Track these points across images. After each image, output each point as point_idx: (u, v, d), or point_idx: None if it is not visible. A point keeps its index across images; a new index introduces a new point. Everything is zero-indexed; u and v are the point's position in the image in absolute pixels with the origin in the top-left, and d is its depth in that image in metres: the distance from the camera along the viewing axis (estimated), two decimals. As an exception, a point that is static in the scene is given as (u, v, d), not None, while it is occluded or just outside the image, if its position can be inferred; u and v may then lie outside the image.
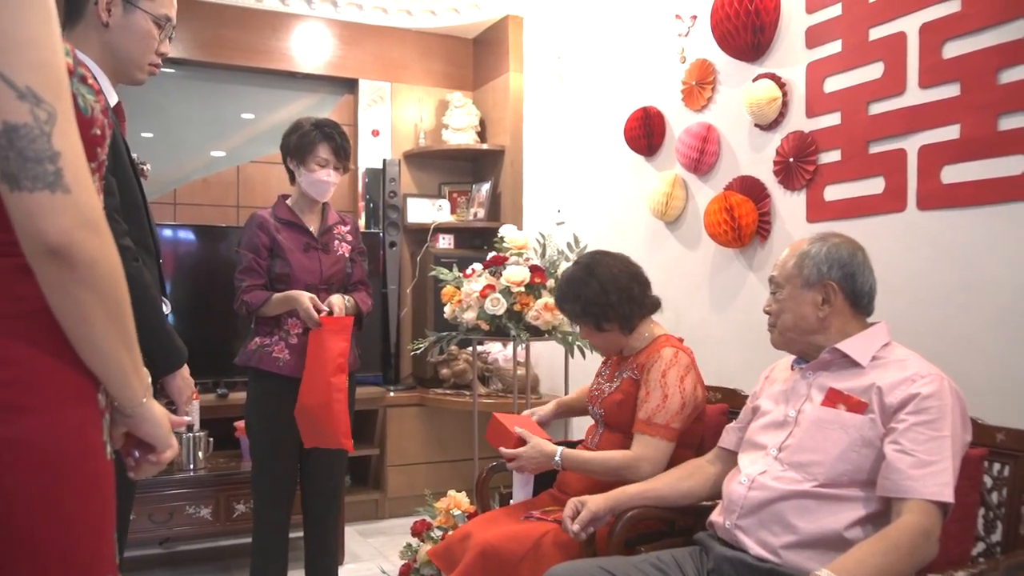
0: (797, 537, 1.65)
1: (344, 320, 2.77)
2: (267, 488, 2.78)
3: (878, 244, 2.47)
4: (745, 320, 3.01)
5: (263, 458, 2.77)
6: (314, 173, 2.75)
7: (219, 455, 3.79)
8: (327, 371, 2.67)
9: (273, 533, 2.79)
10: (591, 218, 3.99)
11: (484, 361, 4.34)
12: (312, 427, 2.70)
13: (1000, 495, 1.77)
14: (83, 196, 0.87)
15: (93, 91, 0.98)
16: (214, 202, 4.54)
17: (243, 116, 4.72)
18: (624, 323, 2.30)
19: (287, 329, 2.73)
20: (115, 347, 0.96)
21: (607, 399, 2.32)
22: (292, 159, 2.79)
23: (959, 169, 2.27)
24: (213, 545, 3.95)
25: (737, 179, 3.04)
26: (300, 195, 2.82)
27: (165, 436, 1.11)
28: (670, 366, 2.19)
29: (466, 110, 4.85)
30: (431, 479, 4.30)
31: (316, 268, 2.78)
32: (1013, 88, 2.13)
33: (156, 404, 1.09)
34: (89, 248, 0.88)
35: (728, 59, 3.07)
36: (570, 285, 2.34)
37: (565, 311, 2.41)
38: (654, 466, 2.11)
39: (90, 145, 0.97)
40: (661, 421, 2.14)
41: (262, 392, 2.75)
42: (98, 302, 0.91)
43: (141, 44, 1.82)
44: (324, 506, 2.87)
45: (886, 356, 1.75)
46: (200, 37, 4.40)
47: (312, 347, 2.69)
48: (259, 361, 2.71)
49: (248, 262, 2.72)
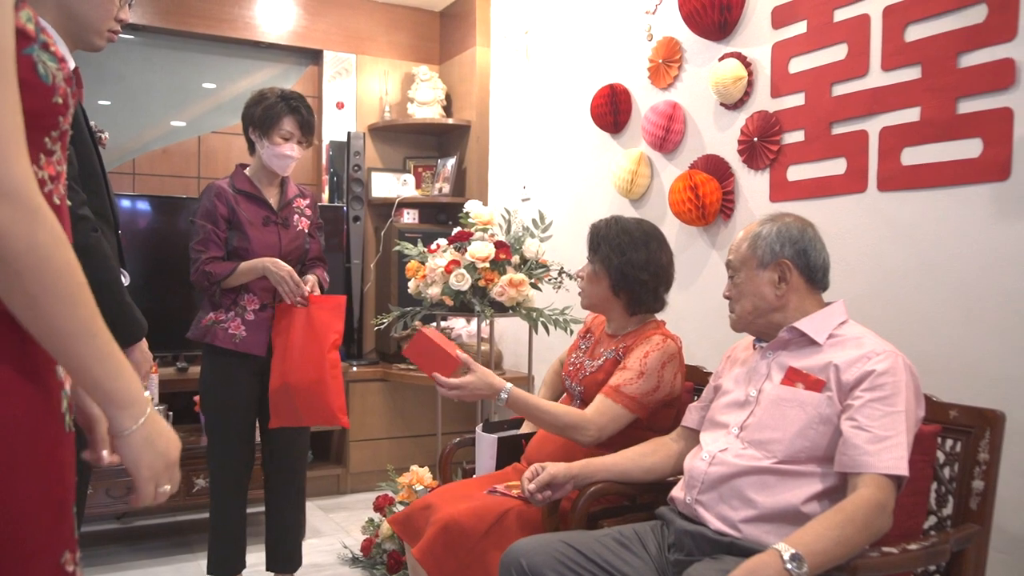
0: (756, 512, 1.68)
1: (337, 298, 2.76)
2: (223, 465, 2.75)
3: (839, 224, 2.51)
4: (708, 298, 3.04)
5: (219, 435, 2.74)
6: (277, 147, 2.69)
7: (178, 429, 3.67)
8: (322, 348, 2.65)
9: (230, 510, 2.76)
10: (556, 194, 3.99)
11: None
12: (293, 406, 2.67)
13: (952, 470, 1.81)
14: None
15: (56, 58, 0.94)
16: (174, 173, 4.46)
17: (204, 85, 4.63)
18: (632, 303, 2.28)
19: (243, 305, 2.68)
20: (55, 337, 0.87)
21: (588, 377, 2.30)
22: (255, 130, 2.72)
23: (919, 151, 2.30)
24: (172, 520, 3.93)
25: (702, 158, 3.06)
26: (260, 167, 2.76)
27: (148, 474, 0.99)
28: (655, 349, 2.18)
29: (432, 84, 4.81)
30: (393, 454, 4.31)
31: (275, 243, 2.73)
32: (972, 72, 2.16)
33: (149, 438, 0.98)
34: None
35: (695, 38, 3.08)
36: (622, 235, 2.27)
37: (599, 250, 2.29)
38: (600, 432, 2.10)
39: (50, 114, 0.93)
40: (628, 392, 2.13)
41: (216, 368, 2.71)
42: (15, 279, 0.83)
43: (99, 9, 1.75)
44: (287, 483, 2.85)
45: (843, 334, 1.78)
46: (162, 3, 4.30)
47: (298, 325, 2.66)
48: (213, 337, 2.66)
49: (206, 233, 2.65)
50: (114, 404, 0.94)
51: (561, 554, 1.77)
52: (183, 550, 3.54)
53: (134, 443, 0.97)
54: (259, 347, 2.68)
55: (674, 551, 1.80)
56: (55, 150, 0.96)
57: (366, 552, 3.23)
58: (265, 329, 2.69)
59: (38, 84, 0.90)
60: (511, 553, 1.81)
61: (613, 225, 2.31)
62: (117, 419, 0.95)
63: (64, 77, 0.95)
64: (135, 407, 0.96)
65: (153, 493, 1.02)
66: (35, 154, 0.91)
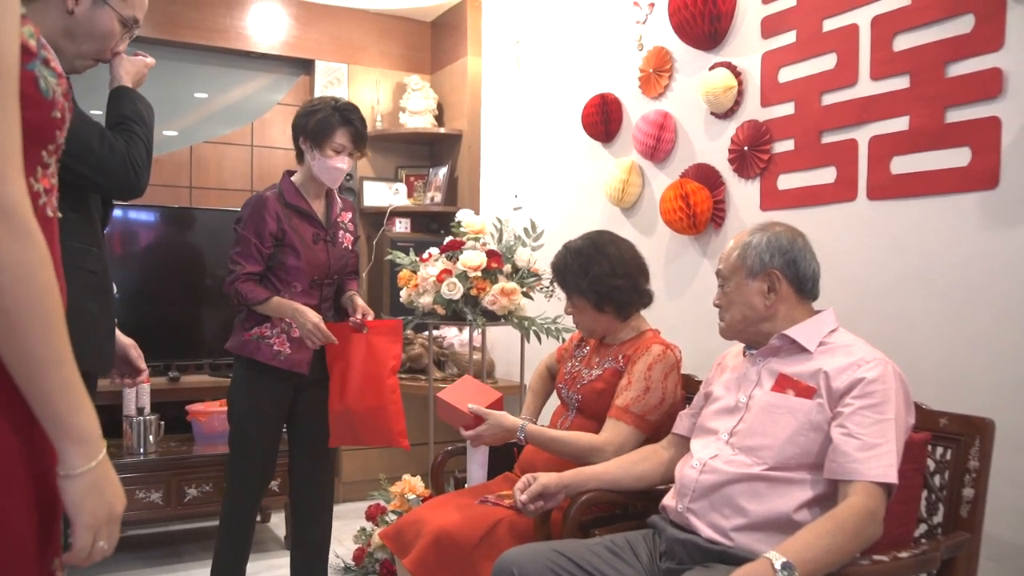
0: (747, 520, 1.68)
1: (393, 322, 2.77)
2: (243, 477, 2.70)
3: (829, 233, 2.52)
4: (699, 306, 3.05)
5: (243, 448, 2.68)
6: (330, 159, 2.63)
7: (170, 439, 3.74)
8: (382, 373, 2.65)
9: (243, 523, 2.73)
10: (548, 203, 4.00)
11: (440, 346, 4.33)
12: (353, 429, 2.69)
13: (942, 478, 1.82)
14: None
15: (55, 73, 0.95)
16: (165, 182, 4.45)
17: (196, 95, 4.63)
18: (621, 309, 2.29)
19: (287, 322, 2.62)
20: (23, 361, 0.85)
21: (587, 386, 2.30)
22: (307, 141, 2.65)
23: (908, 160, 2.32)
24: (164, 530, 3.91)
25: (693, 167, 3.07)
26: (309, 178, 2.69)
27: (89, 522, 0.92)
28: (657, 361, 2.20)
29: (424, 93, 4.81)
30: (386, 463, 4.29)
31: (324, 262, 2.69)
32: (960, 81, 2.18)
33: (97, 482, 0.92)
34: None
35: (685, 47, 3.09)
36: (578, 258, 2.29)
37: (566, 283, 2.32)
38: (618, 453, 2.11)
39: (49, 128, 0.94)
40: (638, 411, 2.15)
41: (253, 379, 2.65)
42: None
43: (98, 42, 1.73)
44: (320, 505, 2.83)
45: (833, 342, 1.79)
46: (153, 14, 4.26)
47: (357, 350, 2.66)
48: (255, 351, 2.60)
49: (248, 246, 2.57)
50: (69, 439, 0.89)
51: (553, 563, 1.77)
52: (174, 560, 3.52)
53: (81, 486, 0.91)
54: (303, 365, 2.64)
55: (666, 559, 1.80)
56: (51, 163, 0.97)
57: (358, 561, 3.22)
58: (309, 348, 2.64)
59: (39, 98, 0.91)
60: (503, 562, 1.81)
61: (565, 254, 2.34)
62: (69, 456, 0.90)
63: (63, 92, 0.96)
64: (90, 446, 0.91)
65: (90, 545, 0.93)
66: (32, 167, 0.92)
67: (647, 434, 2.16)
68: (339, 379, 2.68)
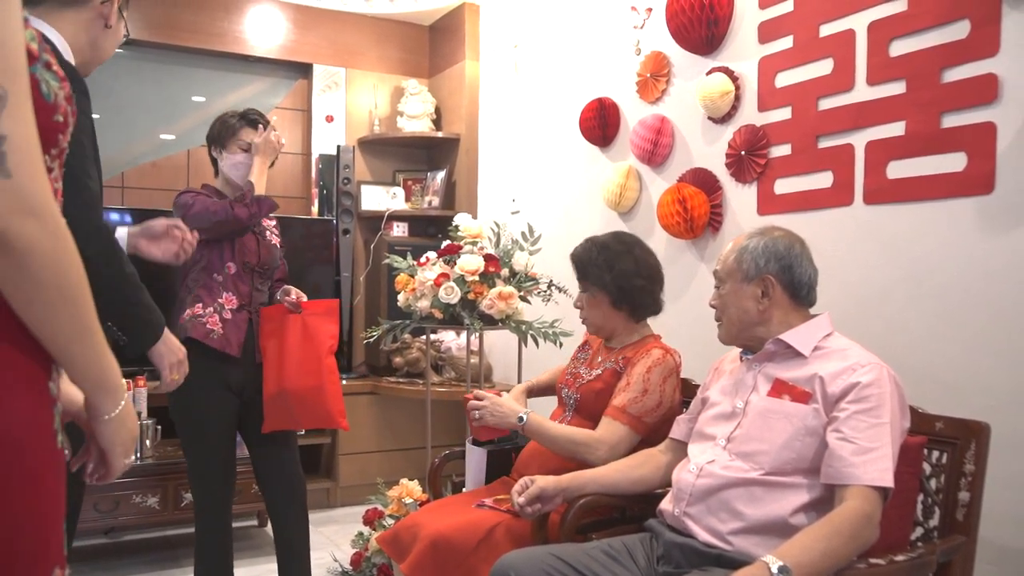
0: (744, 523, 1.69)
1: (330, 302, 2.77)
2: (203, 478, 2.67)
3: (826, 237, 2.52)
4: (696, 310, 3.05)
5: (196, 439, 2.65)
6: (235, 155, 2.72)
7: (167, 443, 3.73)
8: (319, 353, 2.64)
9: (215, 525, 2.70)
10: (546, 208, 4.01)
11: (437, 350, 4.34)
12: (290, 411, 2.65)
13: (938, 482, 1.82)
14: (25, 181, 0.85)
15: (57, 77, 0.96)
16: (163, 186, 4.46)
17: (194, 99, 4.63)
18: (636, 310, 2.31)
19: (221, 303, 2.63)
20: (64, 337, 0.94)
21: (585, 385, 2.32)
22: (215, 146, 2.76)
23: (904, 165, 2.32)
24: (160, 534, 3.91)
25: (690, 171, 3.07)
26: (225, 184, 2.77)
27: (120, 450, 1.09)
28: (657, 364, 2.21)
29: (421, 97, 4.82)
30: (383, 467, 4.29)
31: (255, 249, 2.73)
32: (955, 87, 2.19)
33: (124, 418, 1.07)
34: (27, 235, 0.85)
35: (682, 52, 3.10)
36: (604, 252, 2.31)
37: (588, 275, 2.32)
38: (611, 452, 2.12)
39: (51, 131, 0.95)
40: (635, 412, 2.15)
41: (188, 381, 2.62)
42: (36, 290, 0.89)
43: (110, 51, 1.88)
44: (288, 500, 2.80)
45: (828, 346, 1.79)
46: (151, 17, 4.31)
47: (292, 331, 2.66)
48: (190, 330, 2.57)
49: (205, 200, 2.61)
50: (104, 391, 1.02)
51: (550, 567, 1.77)
52: (171, 564, 3.52)
53: (114, 425, 1.06)
54: (233, 347, 2.63)
55: (663, 563, 1.80)
56: (54, 167, 0.99)
57: (356, 566, 3.21)
58: (241, 330, 2.65)
59: (41, 102, 0.92)
60: (500, 566, 1.81)
61: (591, 246, 2.34)
62: (103, 404, 1.03)
63: (65, 96, 0.97)
64: (119, 393, 1.05)
65: (123, 466, 1.12)
66: None
67: (642, 435, 2.17)
68: (275, 361, 2.66)
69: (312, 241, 4.42)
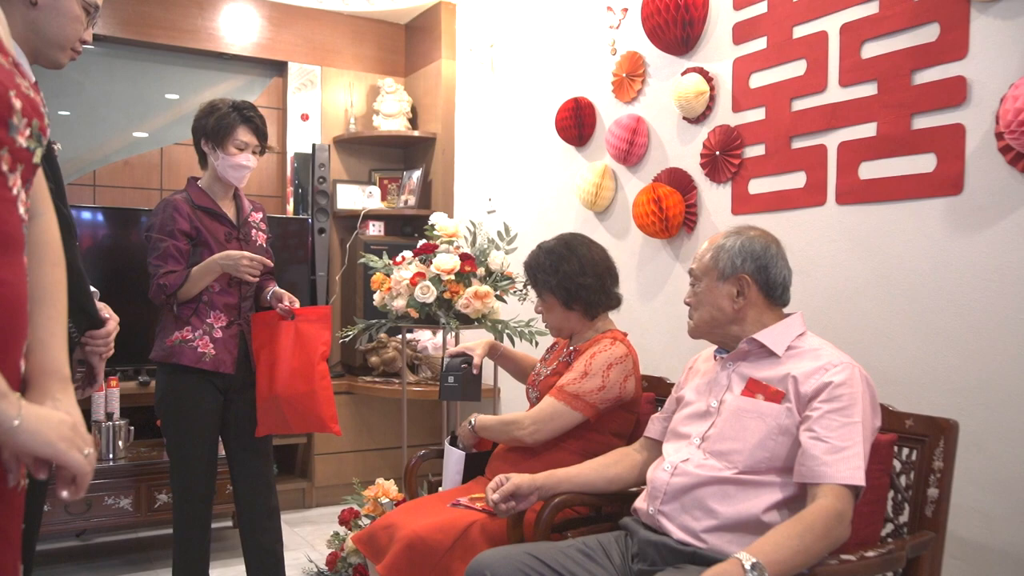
0: (717, 521, 1.70)
1: (323, 309, 2.76)
2: (188, 486, 2.67)
3: (799, 237, 2.55)
4: (671, 309, 3.07)
5: (183, 456, 2.65)
6: (233, 157, 2.64)
7: (140, 444, 3.70)
8: (311, 359, 2.64)
9: (195, 530, 2.69)
10: (522, 207, 4.01)
11: (413, 349, 4.33)
12: (282, 416, 2.66)
13: (908, 478, 1.84)
14: None
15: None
16: (136, 184, 4.42)
17: (167, 96, 4.59)
18: (589, 308, 2.35)
19: (210, 323, 2.62)
20: None
21: (543, 382, 2.38)
22: (208, 141, 2.66)
23: (875, 165, 2.35)
24: (133, 537, 3.87)
25: (665, 171, 3.09)
26: (214, 179, 2.70)
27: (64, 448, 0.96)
28: (601, 351, 2.24)
29: (397, 96, 4.81)
30: (359, 467, 4.28)
31: None
32: (925, 89, 2.21)
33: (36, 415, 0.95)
34: None
35: (658, 52, 3.12)
36: (549, 257, 2.36)
37: (537, 281, 2.39)
38: (536, 425, 2.18)
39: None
40: (571, 391, 2.19)
41: (179, 387, 2.63)
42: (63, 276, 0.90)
43: (68, 27, 1.72)
44: (261, 501, 2.80)
45: (801, 346, 1.81)
46: (123, 13, 4.26)
47: (284, 337, 2.65)
48: (180, 356, 2.58)
49: (165, 248, 2.58)
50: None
51: (525, 565, 1.77)
52: (144, 567, 3.48)
53: (27, 427, 0.93)
54: (228, 365, 2.63)
55: (638, 561, 1.81)
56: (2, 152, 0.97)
57: (331, 566, 3.20)
58: (233, 346, 2.66)
59: None
60: (476, 565, 1.81)
61: (538, 252, 2.41)
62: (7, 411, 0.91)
63: None
64: (7, 397, 0.92)
65: (82, 459, 0.98)
66: None
67: (588, 416, 2.19)
68: (267, 367, 2.66)
69: (287, 240, 4.39)
